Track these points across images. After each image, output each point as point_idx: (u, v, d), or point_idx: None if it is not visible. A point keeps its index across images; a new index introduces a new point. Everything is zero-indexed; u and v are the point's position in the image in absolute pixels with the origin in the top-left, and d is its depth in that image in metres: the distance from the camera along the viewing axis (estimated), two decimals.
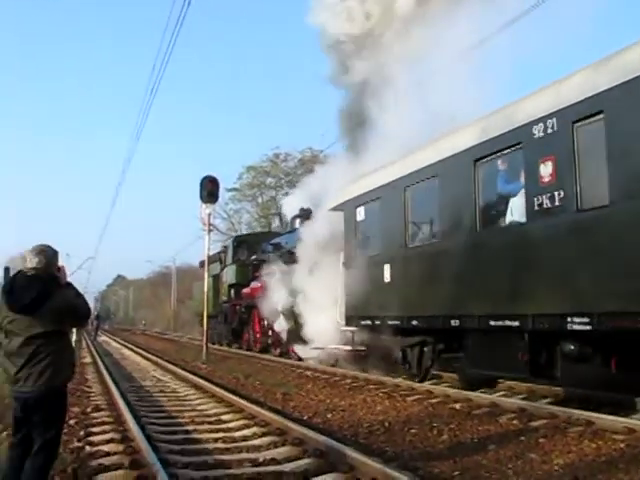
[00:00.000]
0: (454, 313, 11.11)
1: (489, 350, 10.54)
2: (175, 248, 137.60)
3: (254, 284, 23.64)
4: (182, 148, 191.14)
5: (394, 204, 13.32)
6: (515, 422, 8.52)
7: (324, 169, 21.89)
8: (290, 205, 23.56)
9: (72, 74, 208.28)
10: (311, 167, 32.94)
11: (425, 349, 12.89)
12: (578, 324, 8.45)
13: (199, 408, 10.47)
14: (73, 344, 20.04)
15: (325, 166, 22.55)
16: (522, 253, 9.57)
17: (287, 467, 6.22)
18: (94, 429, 8.37)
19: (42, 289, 4.75)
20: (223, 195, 54.02)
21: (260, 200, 56.10)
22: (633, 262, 7.69)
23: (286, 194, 53.15)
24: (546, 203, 9.05)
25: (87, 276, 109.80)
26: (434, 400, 10.70)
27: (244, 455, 6.88)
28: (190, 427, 8.68)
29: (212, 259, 28.69)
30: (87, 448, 7.19)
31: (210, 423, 9.00)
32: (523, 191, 9.71)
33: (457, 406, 10.00)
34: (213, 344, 28.59)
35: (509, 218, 10.16)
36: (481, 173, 10.71)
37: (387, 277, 13.48)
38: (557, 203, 8.86)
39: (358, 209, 15.08)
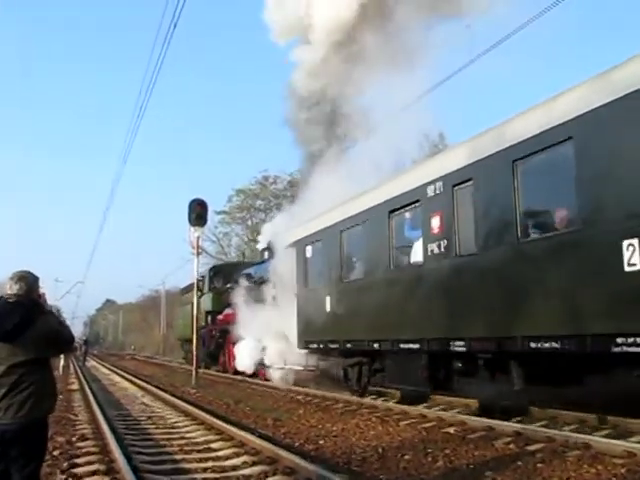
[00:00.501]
0: (375, 337, 13.39)
1: (401, 368, 12.97)
2: (165, 272, 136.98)
3: (227, 311, 25.84)
4: (170, 171, 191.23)
5: (333, 244, 15.62)
6: (511, 446, 8.35)
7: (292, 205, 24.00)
8: (267, 233, 24.81)
9: (59, 95, 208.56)
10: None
11: (362, 368, 14.86)
12: (458, 346, 10.67)
13: (188, 436, 10.22)
14: (61, 370, 19.90)
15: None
16: (420, 288, 11.79)
17: None
18: (79, 460, 8.12)
19: (24, 316, 4.58)
20: (212, 218, 54.09)
21: (250, 223, 56.00)
22: (492, 298, 9.83)
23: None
24: (436, 249, 11.28)
25: (76, 300, 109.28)
26: (428, 424, 10.51)
27: None
28: (179, 456, 8.46)
29: (191, 288, 29.82)
30: None
31: (199, 451, 8.78)
32: (422, 239, 11.78)
33: (451, 430, 9.82)
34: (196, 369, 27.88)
35: (412, 259, 12.37)
36: (394, 222, 12.99)
37: (328, 307, 15.65)
38: (443, 250, 11.10)
39: (307, 247, 17.23)
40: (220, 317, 27.35)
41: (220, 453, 8.58)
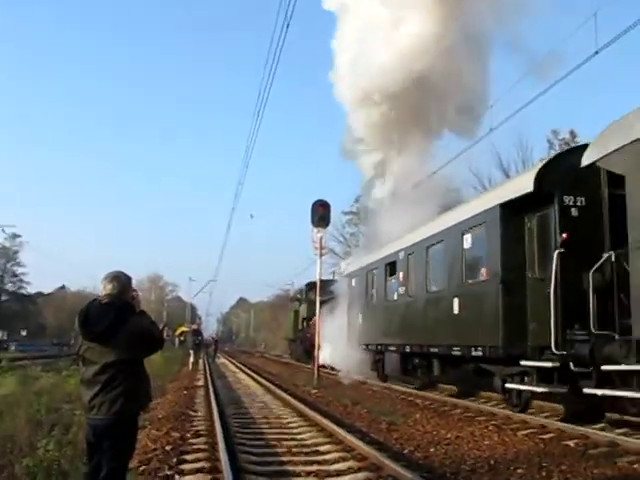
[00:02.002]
0: (382, 342, 20.99)
1: (391, 362, 20.75)
2: (295, 271, 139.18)
3: (314, 319, 29.90)
4: (299, 169, 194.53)
5: (363, 281, 24.02)
6: (636, 466, 7.75)
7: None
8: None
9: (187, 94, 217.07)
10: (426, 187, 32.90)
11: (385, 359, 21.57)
12: (409, 348, 18.37)
13: (299, 437, 10.18)
14: (190, 366, 20.64)
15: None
16: (396, 314, 19.82)
17: None
18: (188, 456, 8.27)
19: (116, 317, 4.66)
20: (340, 218, 54.39)
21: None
22: (420, 323, 17.55)
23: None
24: (400, 290, 19.65)
25: (209, 299, 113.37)
26: (547, 436, 9.99)
27: None
28: (285, 458, 8.43)
29: (294, 298, 42.77)
30: (176, 477, 7.06)
31: (307, 454, 8.72)
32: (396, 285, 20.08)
33: (571, 444, 9.26)
34: (298, 361, 39.98)
35: (392, 296, 20.52)
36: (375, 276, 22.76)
37: (360, 320, 23.64)
38: (401, 292, 19.51)
39: (352, 279, 25.91)
40: (312, 322, 32.35)
41: (327, 457, 8.47)
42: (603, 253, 10.39)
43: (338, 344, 25.55)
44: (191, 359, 30.78)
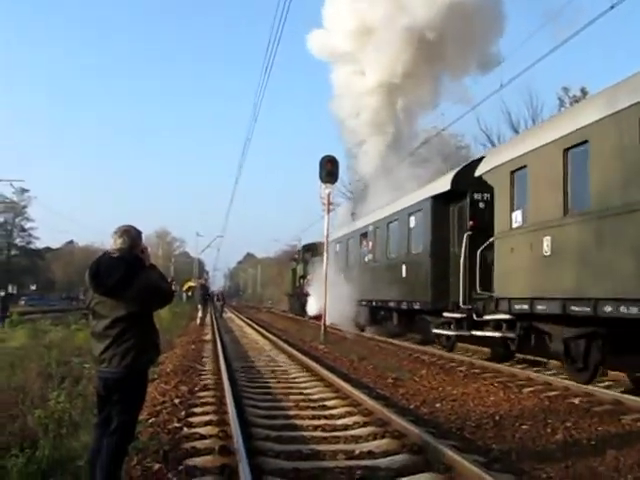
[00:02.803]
0: (357, 298, 24.74)
1: (364, 314, 25.05)
2: (302, 227, 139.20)
3: (309, 276, 36.42)
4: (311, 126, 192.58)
5: (344, 247, 28.85)
6: None
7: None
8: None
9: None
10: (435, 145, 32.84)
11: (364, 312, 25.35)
12: (375, 303, 23.49)
13: (306, 392, 10.28)
14: (198, 320, 20.99)
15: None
16: (366, 276, 23.83)
17: (382, 463, 5.89)
18: (196, 409, 8.38)
19: (126, 271, 4.66)
20: (349, 175, 54.29)
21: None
22: (382, 284, 21.60)
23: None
24: (369, 257, 24.32)
25: (216, 254, 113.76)
26: (552, 393, 10.05)
27: (340, 446, 6.60)
28: (292, 412, 8.52)
29: (292, 258, 51.14)
30: (184, 430, 7.16)
31: (313, 409, 8.80)
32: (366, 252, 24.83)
33: (576, 401, 9.32)
34: (296, 314, 43.68)
35: (364, 261, 24.75)
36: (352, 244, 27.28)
37: (341, 279, 26.52)
38: (370, 258, 24.25)
39: (337, 244, 29.69)
40: (304, 281, 39.43)
41: (334, 411, 8.55)
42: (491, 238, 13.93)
43: (333, 299, 27.00)
44: (199, 314, 31.02)
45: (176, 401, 8.97)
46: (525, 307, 12.06)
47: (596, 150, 10.08)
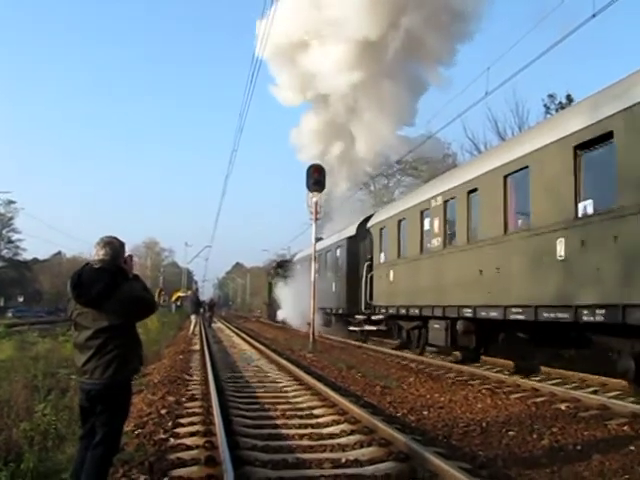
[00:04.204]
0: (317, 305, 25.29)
1: (322, 317, 29.27)
2: (291, 236, 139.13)
3: (277, 289, 45.93)
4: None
5: (306, 265, 33.09)
6: (625, 428, 7.84)
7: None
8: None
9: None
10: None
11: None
12: (326, 309, 30.08)
13: (293, 401, 10.27)
14: (191, 329, 21.02)
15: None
16: (319, 290, 24.12)
17: (368, 470, 5.89)
18: (183, 420, 8.35)
19: (108, 282, 4.65)
20: None
21: (372, 188, 55.66)
22: (327, 295, 28.64)
23: (398, 181, 52.60)
24: (321, 274, 29.31)
25: (205, 264, 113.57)
26: (539, 399, 10.09)
27: (327, 455, 6.59)
28: (279, 421, 8.50)
29: (268, 272, 62.73)
30: (171, 440, 7.14)
31: (301, 417, 8.79)
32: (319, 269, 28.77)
33: (562, 407, 9.37)
34: (274, 321, 49.19)
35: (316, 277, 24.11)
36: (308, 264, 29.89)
37: (303, 290, 29.52)
38: (321, 275, 28.61)
39: (298, 265, 39.54)
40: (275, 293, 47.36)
41: (321, 420, 8.54)
42: None
43: (293, 307, 36.30)
44: (192, 325, 31.02)
45: (163, 412, 8.95)
46: (383, 311, 21.63)
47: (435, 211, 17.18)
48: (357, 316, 25.04)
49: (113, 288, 4.65)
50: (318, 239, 29.08)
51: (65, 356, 14.82)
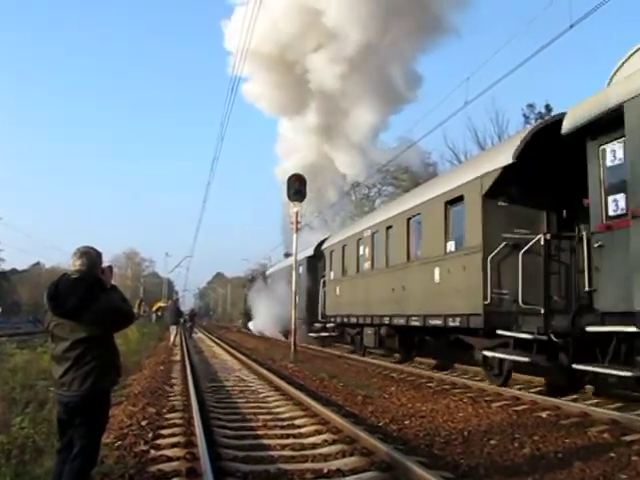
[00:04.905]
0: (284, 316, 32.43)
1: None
2: (272, 245, 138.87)
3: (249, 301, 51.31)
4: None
5: (277, 279, 39.24)
6: (606, 435, 7.88)
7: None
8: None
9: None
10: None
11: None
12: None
13: (275, 411, 10.22)
14: (172, 340, 20.87)
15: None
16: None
17: None
18: (163, 431, 8.27)
19: (85, 293, 4.60)
20: None
21: (353, 198, 55.77)
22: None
23: (379, 191, 52.78)
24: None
25: (186, 274, 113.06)
26: (520, 407, 10.12)
27: (309, 465, 6.56)
28: (261, 432, 8.44)
29: (244, 285, 67.06)
30: (151, 452, 7.07)
31: (282, 427, 8.73)
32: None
33: (544, 415, 9.40)
34: (245, 328, 57.35)
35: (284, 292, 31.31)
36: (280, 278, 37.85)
37: (273, 301, 37.30)
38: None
39: (269, 278, 45.66)
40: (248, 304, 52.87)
41: (303, 430, 8.50)
42: None
43: (264, 317, 41.31)
44: (172, 336, 30.77)
45: (143, 423, 8.85)
46: (333, 320, 25.67)
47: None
48: (315, 324, 29.45)
49: (90, 299, 4.60)
50: (287, 255, 33.97)
51: (43, 368, 14.62)
